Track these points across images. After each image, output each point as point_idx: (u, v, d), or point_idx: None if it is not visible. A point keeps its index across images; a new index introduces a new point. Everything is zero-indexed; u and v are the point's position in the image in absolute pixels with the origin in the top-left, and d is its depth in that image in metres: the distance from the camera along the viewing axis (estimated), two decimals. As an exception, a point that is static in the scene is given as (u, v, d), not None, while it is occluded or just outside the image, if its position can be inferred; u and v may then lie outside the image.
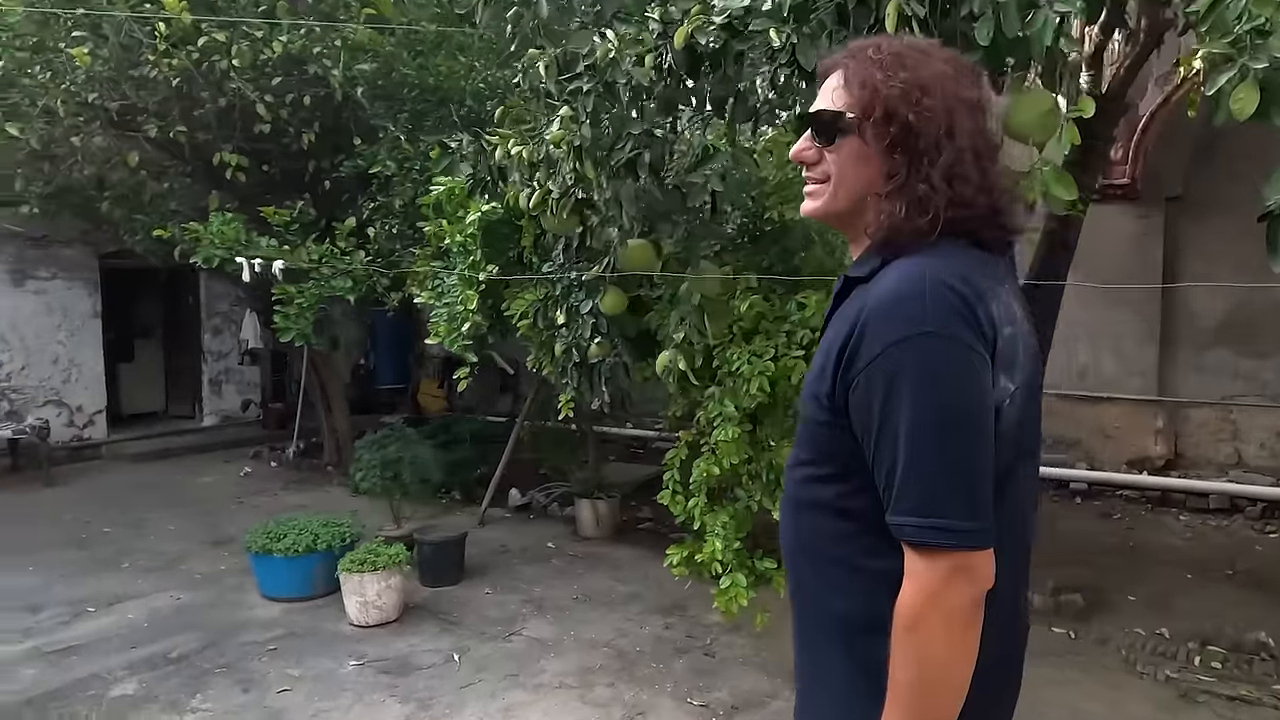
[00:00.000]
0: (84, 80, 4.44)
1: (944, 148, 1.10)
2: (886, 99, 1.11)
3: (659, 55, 2.04)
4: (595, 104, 2.13)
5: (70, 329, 8.33)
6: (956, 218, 1.10)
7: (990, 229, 1.13)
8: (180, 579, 4.76)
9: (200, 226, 4.24)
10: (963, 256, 1.10)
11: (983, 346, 1.03)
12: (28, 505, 6.56)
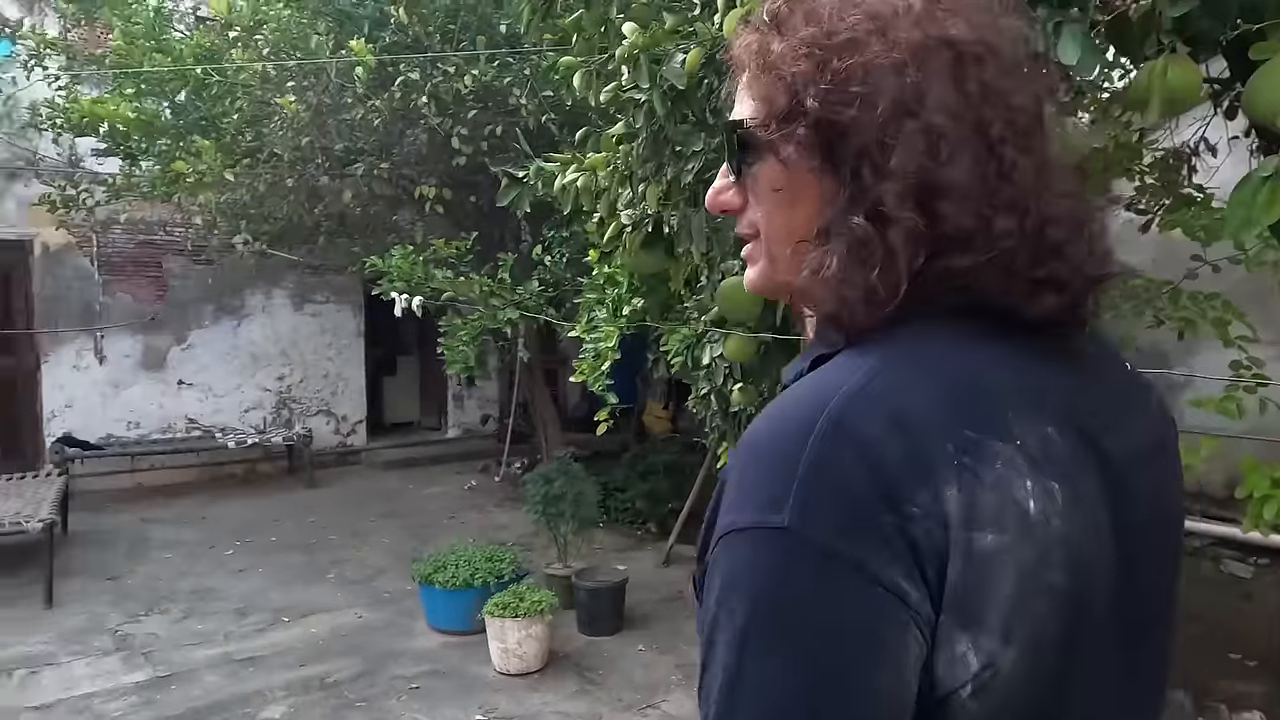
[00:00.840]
0: (301, 126, 4.81)
1: (904, 137, 0.58)
2: (793, 79, 0.61)
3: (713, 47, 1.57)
4: (645, 117, 1.72)
5: (339, 347, 9.33)
6: (944, 270, 0.59)
7: (1026, 286, 0.60)
8: (369, 596, 4.97)
9: (380, 260, 4.41)
10: (948, 355, 0.59)
11: (900, 577, 0.50)
12: (287, 504, 7.37)
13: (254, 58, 4.49)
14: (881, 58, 0.59)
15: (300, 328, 9.07)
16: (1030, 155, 0.61)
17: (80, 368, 7.83)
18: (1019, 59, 0.63)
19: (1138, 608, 0.62)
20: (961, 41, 0.60)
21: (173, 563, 5.60)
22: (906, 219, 0.58)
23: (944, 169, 0.58)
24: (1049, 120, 0.64)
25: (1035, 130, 0.62)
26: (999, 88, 0.60)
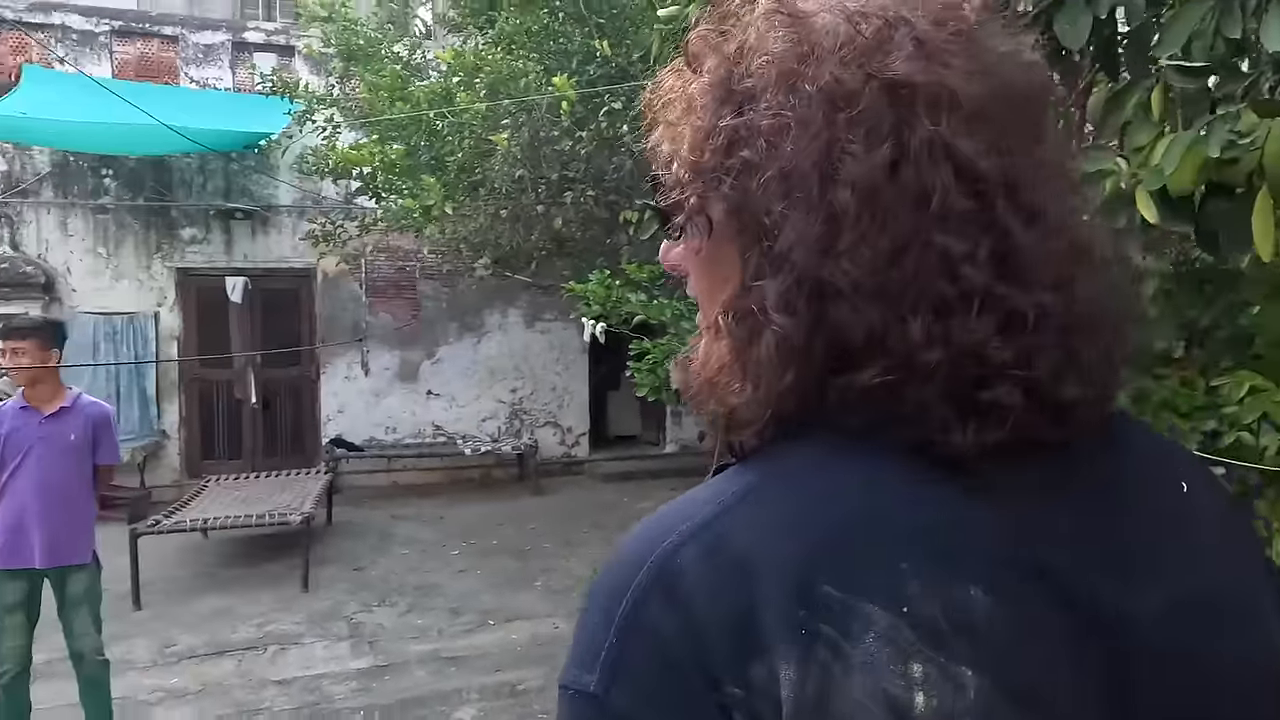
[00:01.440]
0: (515, 159, 5.14)
1: (793, 219, 0.47)
2: (688, 137, 0.53)
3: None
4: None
5: (566, 362, 9.85)
6: (844, 384, 0.47)
7: (958, 409, 0.46)
8: (569, 608, 5.16)
9: (578, 285, 4.57)
10: (838, 485, 0.46)
11: None
12: (512, 510, 7.89)
13: (473, 99, 4.88)
14: (780, 114, 0.48)
15: (531, 344, 9.69)
16: (992, 236, 0.46)
17: (350, 378, 8.94)
18: (1011, 104, 0.49)
19: None
20: (910, 85, 0.46)
21: (408, 558, 6.20)
22: (778, 325, 0.46)
23: (841, 261, 0.45)
24: (1042, 185, 0.49)
25: (1003, 201, 0.47)
26: (957, 148, 0.46)
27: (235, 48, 8.51)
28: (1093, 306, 0.48)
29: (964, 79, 0.47)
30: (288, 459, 8.24)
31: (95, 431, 3.30)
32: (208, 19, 9.15)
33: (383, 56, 5.83)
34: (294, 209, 8.44)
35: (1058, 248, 0.48)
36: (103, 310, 7.99)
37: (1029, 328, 0.46)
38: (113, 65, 8.21)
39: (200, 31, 8.51)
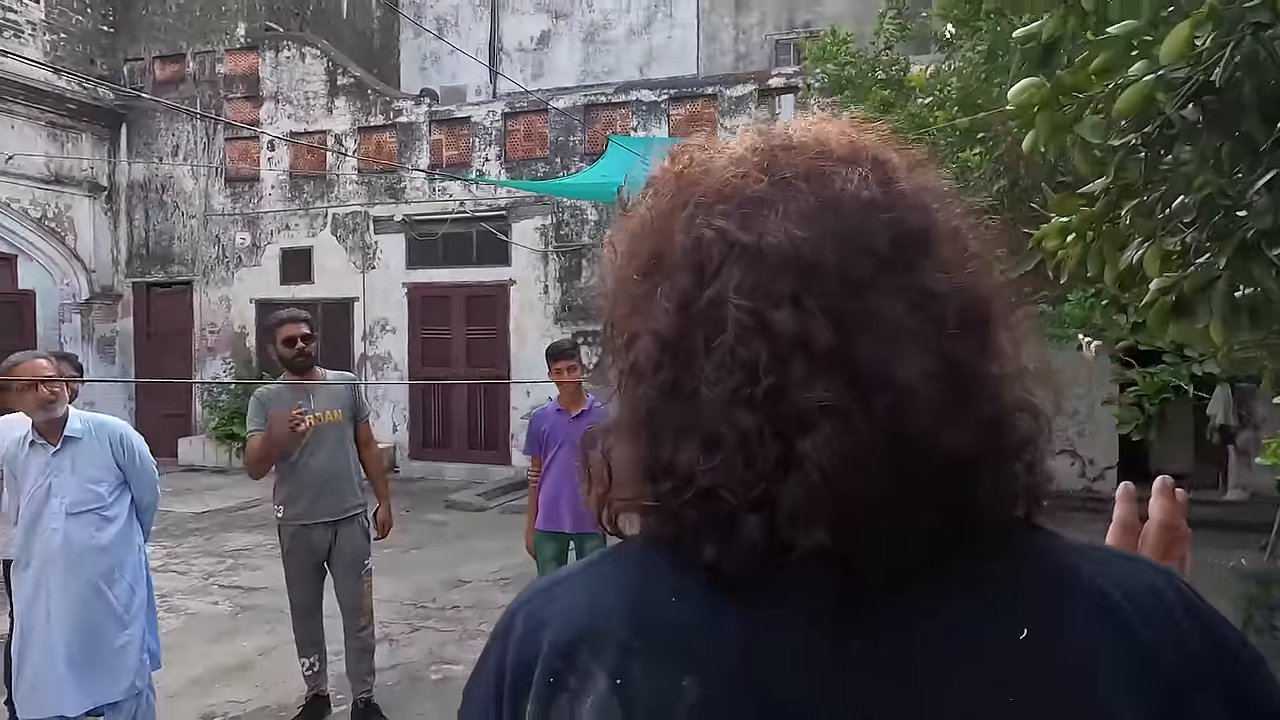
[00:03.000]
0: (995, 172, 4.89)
1: (613, 359, 0.62)
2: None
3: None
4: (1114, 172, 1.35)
5: (1087, 384, 8.74)
6: (624, 503, 0.60)
7: (708, 526, 0.53)
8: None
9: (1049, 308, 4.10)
10: (621, 581, 0.59)
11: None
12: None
13: (948, 119, 4.77)
14: (628, 267, 0.60)
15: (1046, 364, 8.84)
16: (769, 383, 0.50)
17: (851, 392, 9.33)
18: (836, 249, 0.52)
19: None
20: (706, 243, 0.54)
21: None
22: (614, 437, 0.59)
23: (636, 395, 0.56)
24: (861, 332, 0.51)
25: (797, 353, 0.50)
26: (740, 303, 0.51)
27: (760, 94, 9.60)
28: (874, 469, 0.49)
29: (765, 232, 0.52)
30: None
31: None
32: (739, 74, 10.48)
33: (870, 87, 6.04)
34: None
35: (852, 404, 0.50)
36: (656, 328, 9.76)
37: (779, 472, 0.50)
38: (669, 125, 9.97)
39: (733, 86, 9.80)
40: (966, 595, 0.52)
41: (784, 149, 0.56)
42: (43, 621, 2.99)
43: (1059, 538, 0.58)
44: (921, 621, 0.51)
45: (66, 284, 11.70)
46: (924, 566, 0.51)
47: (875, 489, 0.49)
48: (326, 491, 3.69)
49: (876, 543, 0.49)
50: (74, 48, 11.63)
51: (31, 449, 3.07)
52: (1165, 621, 0.53)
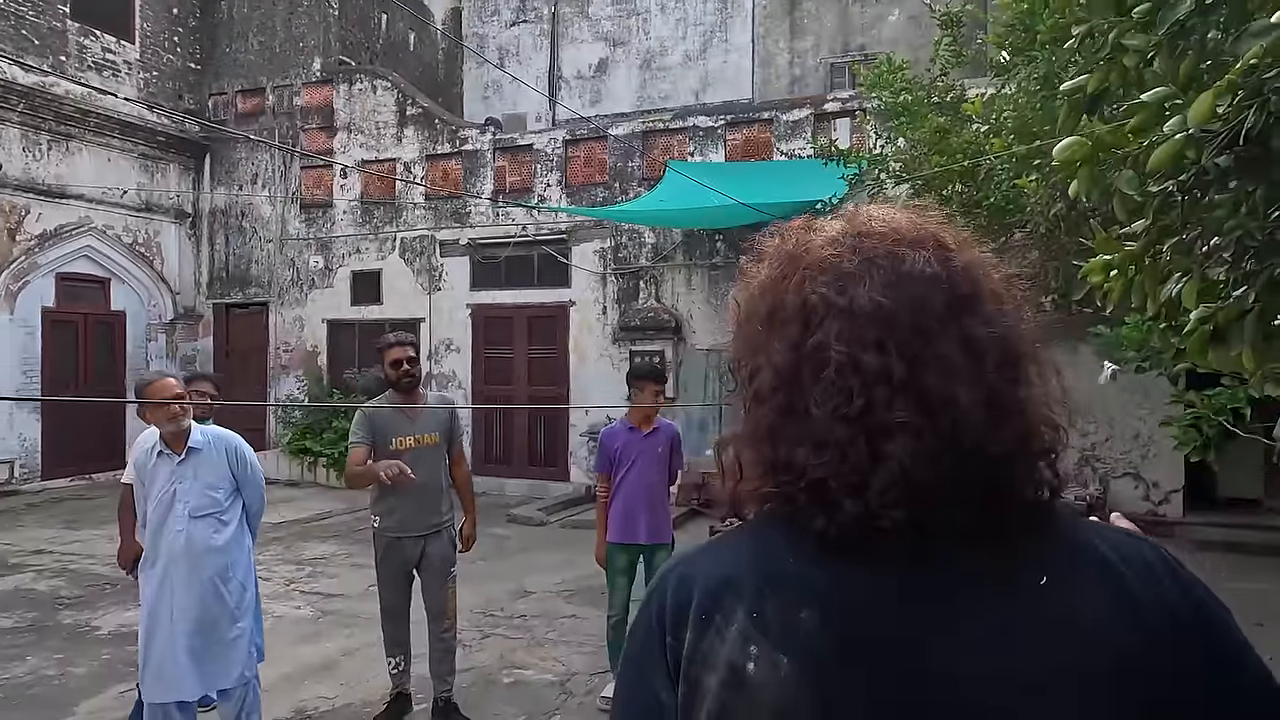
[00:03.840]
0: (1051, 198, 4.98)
1: (744, 388, 0.84)
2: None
3: None
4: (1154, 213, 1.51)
5: (1151, 406, 8.63)
6: (764, 490, 0.81)
7: (818, 506, 0.74)
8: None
9: (1107, 330, 4.17)
10: (749, 545, 0.80)
11: (660, 686, 0.79)
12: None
13: (1004, 146, 4.89)
14: (746, 330, 0.82)
15: (1110, 384, 8.74)
16: (861, 406, 0.71)
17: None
18: (905, 310, 0.72)
19: None
20: (808, 306, 0.75)
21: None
22: (742, 445, 0.81)
23: (765, 413, 0.77)
24: (927, 373, 0.71)
25: (879, 385, 0.71)
26: (839, 347, 0.72)
27: (815, 119, 9.77)
28: (938, 466, 0.69)
29: (855, 297, 0.73)
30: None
31: (673, 443, 4.39)
32: (795, 99, 10.67)
33: (925, 113, 6.18)
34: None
35: (921, 420, 0.69)
36: (712, 348, 9.93)
37: (870, 468, 0.70)
38: (725, 150, 10.20)
39: (789, 111, 9.99)
40: (1000, 553, 0.71)
41: (866, 235, 0.77)
42: (167, 616, 3.30)
43: (1079, 518, 0.76)
44: (966, 570, 0.70)
45: (153, 305, 12.40)
46: (972, 533, 0.70)
47: (937, 480, 0.69)
48: (420, 508, 3.94)
49: (938, 517, 0.69)
50: (164, 84, 12.41)
51: (159, 458, 3.40)
52: (1152, 582, 0.71)
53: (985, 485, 0.70)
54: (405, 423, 3.95)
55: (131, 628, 5.39)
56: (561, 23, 15.05)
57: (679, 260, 10.33)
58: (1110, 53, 1.78)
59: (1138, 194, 1.57)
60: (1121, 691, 0.67)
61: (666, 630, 0.77)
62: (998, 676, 0.67)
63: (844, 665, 0.69)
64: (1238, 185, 1.58)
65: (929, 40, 7.23)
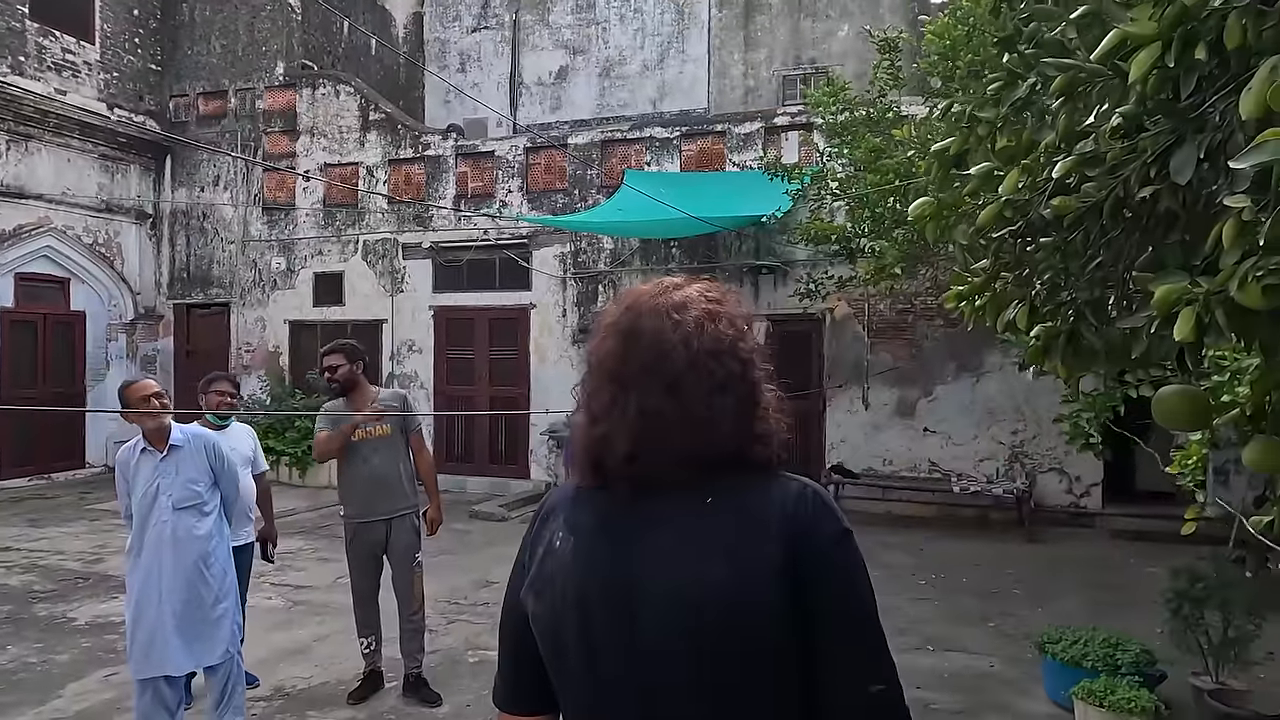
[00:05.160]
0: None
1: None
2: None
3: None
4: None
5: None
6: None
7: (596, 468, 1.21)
8: (1013, 651, 5.20)
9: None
10: (570, 491, 1.28)
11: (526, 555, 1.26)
12: (997, 553, 7.88)
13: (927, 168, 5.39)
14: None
15: (1036, 386, 9.37)
16: (611, 403, 1.17)
17: (852, 411, 9.88)
18: (641, 351, 1.17)
19: (631, 623, 1.10)
20: (600, 356, 1.21)
21: (877, 579, 6.76)
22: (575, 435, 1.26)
23: (584, 421, 1.22)
24: (639, 389, 1.16)
25: (621, 397, 1.17)
26: (592, 386, 1.21)
27: (766, 132, 10.25)
28: (645, 444, 1.14)
29: (604, 356, 1.20)
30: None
31: None
32: (748, 113, 11.14)
33: (863, 133, 6.66)
34: (807, 264, 9.73)
35: (635, 424, 1.15)
36: (667, 350, 10.35)
37: (604, 451, 1.16)
38: (680, 160, 10.63)
39: (741, 124, 10.46)
40: (691, 490, 1.14)
41: (627, 310, 1.22)
42: (155, 598, 3.60)
43: (780, 475, 1.18)
44: (664, 499, 1.14)
45: (113, 305, 12.44)
46: (670, 481, 1.14)
47: (640, 456, 1.14)
48: (378, 494, 4.34)
49: (643, 476, 1.14)
50: (125, 85, 12.45)
51: (143, 455, 3.69)
52: (799, 505, 1.12)
53: (663, 456, 1.13)
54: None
55: (108, 618, 5.65)
56: (523, 30, 15.36)
57: (636, 265, 10.73)
58: (968, 122, 2.23)
59: (978, 241, 2.01)
60: (748, 560, 1.08)
61: (531, 530, 1.26)
62: (676, 545, 1.11)
63: (595, 538, 1.16)
64: (1056, 235, 2.03)
65: (876, 55, 7.68)
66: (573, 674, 1.14)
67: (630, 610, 1.10)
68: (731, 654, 1.06)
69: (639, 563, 1.11)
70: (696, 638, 1.06)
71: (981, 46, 4.90)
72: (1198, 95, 1.55)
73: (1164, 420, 2.19)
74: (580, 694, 1.15)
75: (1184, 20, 1.37)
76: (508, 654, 1.24)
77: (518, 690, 1.23)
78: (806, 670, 1.08)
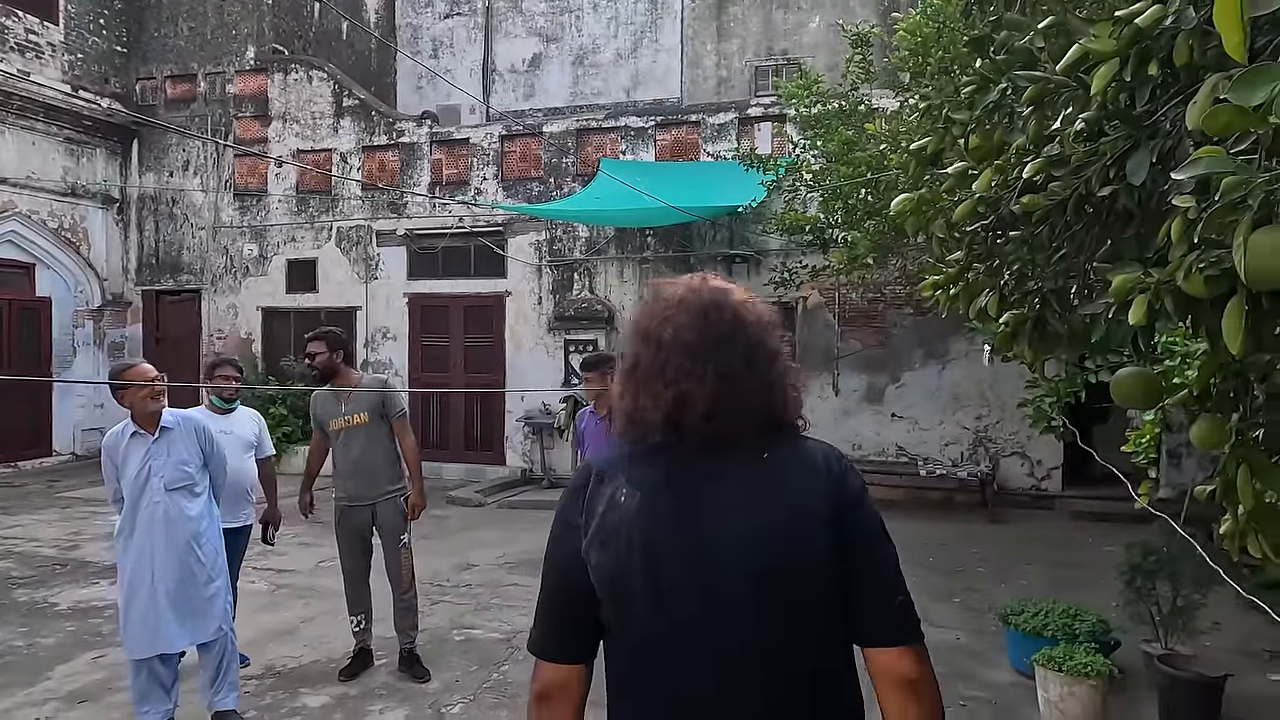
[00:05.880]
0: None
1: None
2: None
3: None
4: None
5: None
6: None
7: (660, 431, 1.36)
8: (978, 625, 5.47)
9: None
10: (619, 449, 1.41)
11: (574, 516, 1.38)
12: (962, 533, 8.16)
13: (899, 161, 5.57)
14: (634, 334, 1.42)
15: (1001, 373, 9.67)
16: (675, 381, 1.32)
17: (822, 397, 10.11)
18: (707, 335, 1.34)
19: (710, 557, 1.25)
20: (658, 341, 1.36)
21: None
22: (622, 404, 1.40)
23: (634, 395, 1.37)
24: (711, 362, 1.32)
25: (685, 374, 1.32)
26: (674, 359, 1.33)
27: (740, 122, 10.40)
28: (729, 400, 1.30)
29: (678, 332, 1.34)
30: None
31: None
32: (722, 103, 11.28)
33: (835, 126, 6.84)
34: (780, 253, 9.92)
35: (705, 390, 1.31)
36: (642, 337, 10.49)
37: (683, 410, 1.30)
38: (655, 149, 10.74)
39: (715, 114, 10.60)
40: (751, 447, 1.31)
41: (686, 297, 1.38)
42: (148, 578, 3.67)
43: (809, 438, 1.37)
44: (727, 455, 1.30)
45: (80, 291, 12.27)
46: (732, 439, 1.30)
47: (710, 415, 1.30)
48: (360, 480, 4.46)
49: (710, 434, 1.30)
50: (90, 67, 12.23)
51: (133, 439, 3.75)
52: (833, 464, 1.33)
53: (739, 417, 1.31)
54: (336, 406, 4.49)
55: (90, 603, 5.67)
56: (495, 16, 15.33)
57: (612, 254, 10.84)
58: (944, 123, 2.39)
59: (952, 234, 2.17)
60: (802, 519, 1.27)
61: (580, 488, 1.36)
62: (740, 495, 1.29)
63: (660, 492, 1.30)
64: (1024, 230, 2.20)
65: (847, 48, 7.85)
66: (638, 616, 1.27)
67: (699, 554, 1.25)
68: (783, 599, 1.25)
69: (706, 512, 1.27)
70: (760, 579, 1.24)
71: (951, 44, 5.08)
72: (1152, 105, 1.72)
73: (1121, 399, 2.38)
74: (645, 634, 1.28)
75: (1139, 39, 1.53)
76: (556, 608, 1.36)
77: (563, 641, 1.34)
78: (848, 619, 1.29)
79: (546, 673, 1.34)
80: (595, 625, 1.32)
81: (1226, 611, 5.17)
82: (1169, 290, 1.61)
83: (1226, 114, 1.05)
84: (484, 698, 4.24)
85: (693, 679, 1.25)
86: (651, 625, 1.26)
